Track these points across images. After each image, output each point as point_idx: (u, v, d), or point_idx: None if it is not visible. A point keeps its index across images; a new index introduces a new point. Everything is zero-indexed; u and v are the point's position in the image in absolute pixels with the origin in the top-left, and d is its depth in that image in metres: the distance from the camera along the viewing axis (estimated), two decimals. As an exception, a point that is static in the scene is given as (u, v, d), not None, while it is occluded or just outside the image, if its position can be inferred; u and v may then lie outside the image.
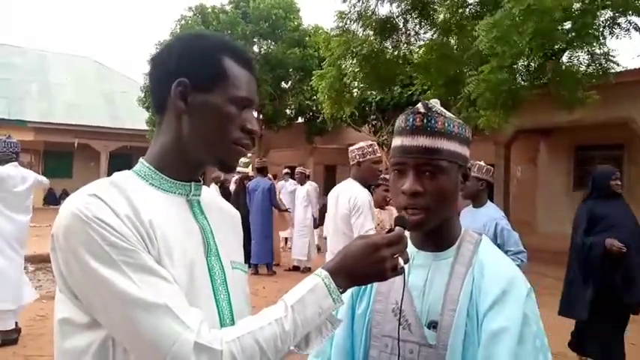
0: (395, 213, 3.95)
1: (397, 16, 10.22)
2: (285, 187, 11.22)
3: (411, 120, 1.15)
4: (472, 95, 8.16)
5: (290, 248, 10.84)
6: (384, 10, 10.39)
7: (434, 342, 1.12)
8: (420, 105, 1.17)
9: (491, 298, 1.08)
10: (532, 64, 8.71)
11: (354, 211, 3.75)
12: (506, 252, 3.78)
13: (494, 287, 1.09)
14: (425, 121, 1.13)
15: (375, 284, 1.21)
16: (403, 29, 10.32)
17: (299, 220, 9.82)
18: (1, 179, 4.96)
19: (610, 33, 8.13)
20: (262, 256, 8.87)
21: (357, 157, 3.91)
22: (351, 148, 4.05)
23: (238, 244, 1.20)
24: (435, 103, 1.20)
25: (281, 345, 0.92)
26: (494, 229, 3.86)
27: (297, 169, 10.73)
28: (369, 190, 4.63)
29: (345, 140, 15.49)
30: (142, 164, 1.05)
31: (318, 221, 9.44)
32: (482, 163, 4.12)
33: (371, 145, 4.00)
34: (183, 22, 17.50)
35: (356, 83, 10.35)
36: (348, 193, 3.85)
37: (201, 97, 1.01)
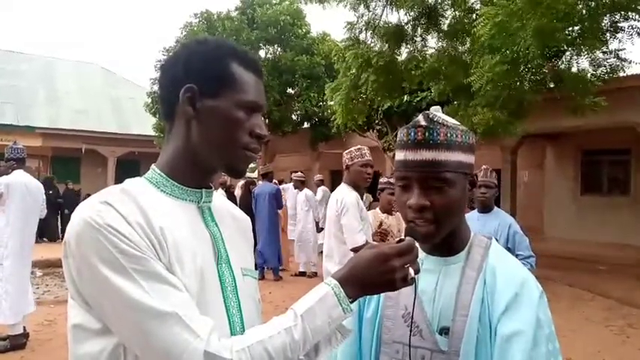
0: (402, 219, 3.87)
1: (406, 24, 10.24)
2: (291, 191, 11.27)
3: (412, 134, 1.13)
4: (474, 87, 8.12)
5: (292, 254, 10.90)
6: (392, 19, 10.43)
7: (446, 348, 1.11)
8: (420, 117, 1.16)
9: (505, 302, 1.08)
10: (532, 65, 8.66)
11: (341, 211, 3.81)
12: (516, 256, 3.77)
13: (507, 291, 1.09)
14: (427, 134, 1.11)
15: None
16: (412, 36, 10.33)
17: (302, 226, 9.88)
18: (13, 188, 5.00)
19: (613, 37, 8.09)
20: (269, 260, 8.89)
21: (347, 161, 4.00)
22: (343, 153, 4.11)
23: (249, 250, 1.20)
24: (437, 111, 1.18)
25: (290, 354, 0.92)
26: (507, 233, 3.87)
27: (294, 176, 10.78)
28: (375, 195, 4.64)
29: (350, 145, 15.41)
30: (153, 171, 1.06)
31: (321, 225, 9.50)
32: (488, 167, 4.13)
33: (359, 148, 4.05)
34: (189, 28, 17.58)
35: (371, 92, 10.34)
36: (336, 195, 3.94)
37: (209, 102, 1.01)
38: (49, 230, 13.57)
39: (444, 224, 1.12)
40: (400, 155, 1.16)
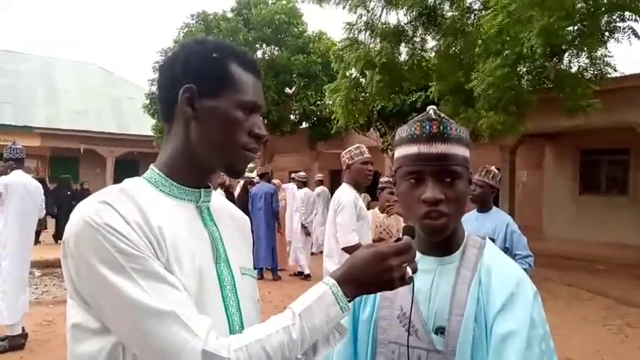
0: (401, 219, 3.93)
1: (406, 24, 10.25)
2: (292, 191, 11.30)
3: (427, 127, 1.14)
4: (476, 91, 8.13)
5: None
6: (392, 19, 10.45)
7: (442, 347, 1.12)
8: (431, 112, 1.17)
9: (500, 302, 1.08)
10: (535, 64, 8.66)
11: (338, 210, 3.79)
12: (514, 255, 3.76)
13: (502, 290, 1.10)
14: (441, 127, 1.13)
15: None
16: (411, 36, 10.34)
17: (293, 227, 10.01)
18: (12, 188, 5.00)
19: (611, 37, 8.11)
20: (265, 260, 8.89)
21: (347, 160, 3.97)
22: (341, 154, 4.09)
23: (248, 249, 1.20)
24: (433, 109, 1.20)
25: (288, 353, 0.92)
26: (505, 232, 3.87)
27: (296, 175, 10.80)
28: (374, 195, 4.62)
29: (349, 145, 15.37)
30: (152, 171, 1.06)
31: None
32: (495, 169, 4.13)
33: (358, 147, 4.03)
34: (186, 29, 17.60)
35: (375, 92, 10.34)
36: (336, 195, 3.92)
37: (208, 102, 1.01)
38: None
39: (454, 218, 1.14)
40: (412, 149, 1.15)
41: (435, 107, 1.20)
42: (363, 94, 10.82)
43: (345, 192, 3.86)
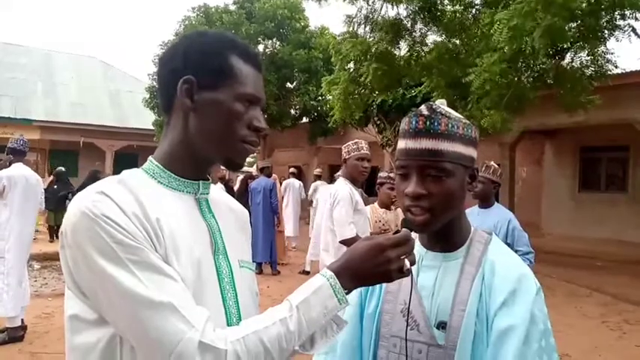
0: (401, 213, 3.95)
1: (405, 17, 10.21)
2: (293, 186, 11.28)
3: (414, 123, 1.14)
4: (473, 86, 8.11)
5: (294, 247, 10.90)
6: (391, 13, 10.40)
7: (443, 342, 1.12)
8: (423, 107, 1.17)
9: (502, 297, 1.08)
10: (536, 62, 8.65)
11: (334, 203, 3.82)
12: (515, 252, 3.77)
13: (505, 286, 1.09)
14: (427, 123, 1.12)
15: (385, 284, 1.20)
16: (411, 31, 10.30)
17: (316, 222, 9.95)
18: (15, 181, 5.00)
19: (611, 35, 8.09)
20: (263, 254, 8.88)
21: (344, 155, 4.01)
22: (342, 147, 4.12)
23: (246, 242, 1.20)
24: (441, 103, 1.18)
25: (286, 345, 0.92)
26: (507, 228, 3.87)
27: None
28: (375, 190, 4.63)
29: (349, 140, 15.33)
30: (150, 162, 1.05)
31: None
32: (494, 164, 4.12)
33: (356, 142, 4.06)
34: (187, 22, 17.55)
35: (371, 82, 10.28)
36: (331, 189, 3.96)
37: (207, 94, 1.00)
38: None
39: (439, 214, 1.13)
40: (401, 144, 1.17)
41: (443, 101, 1.20)
42: (361, 88, 10.76)
43: (340, 186, 3.90)
